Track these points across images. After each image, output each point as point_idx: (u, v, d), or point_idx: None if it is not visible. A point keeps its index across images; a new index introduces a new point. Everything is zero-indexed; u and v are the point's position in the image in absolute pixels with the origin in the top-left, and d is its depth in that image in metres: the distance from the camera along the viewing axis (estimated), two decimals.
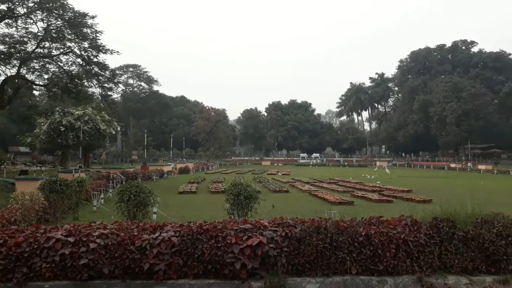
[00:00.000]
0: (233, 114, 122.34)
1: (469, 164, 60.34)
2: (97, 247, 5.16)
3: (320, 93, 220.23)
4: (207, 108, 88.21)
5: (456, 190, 23.82)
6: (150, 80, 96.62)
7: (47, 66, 31.87)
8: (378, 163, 73.74)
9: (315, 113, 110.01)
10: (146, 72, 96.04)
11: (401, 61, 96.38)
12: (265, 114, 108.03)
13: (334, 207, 13.69)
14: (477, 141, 74.07)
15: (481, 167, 55.20)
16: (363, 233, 5.84)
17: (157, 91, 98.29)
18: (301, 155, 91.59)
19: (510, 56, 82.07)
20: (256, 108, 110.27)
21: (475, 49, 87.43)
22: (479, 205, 6.75)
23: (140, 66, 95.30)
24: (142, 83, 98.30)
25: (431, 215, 6.49)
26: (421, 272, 5.80)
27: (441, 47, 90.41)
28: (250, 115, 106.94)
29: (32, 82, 32.74)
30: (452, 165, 64.24)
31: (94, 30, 29.83)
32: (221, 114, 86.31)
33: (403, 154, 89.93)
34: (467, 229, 6.18)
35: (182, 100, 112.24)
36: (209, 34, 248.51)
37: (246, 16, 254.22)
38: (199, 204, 16.91)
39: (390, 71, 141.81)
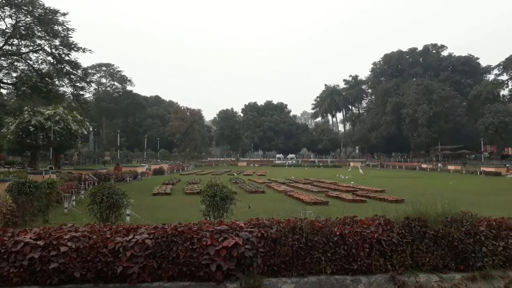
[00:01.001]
0: (209, 115, 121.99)
1: (439, 164, 62.14)
2: (68, 250, 5.01)
3: (296, 95, 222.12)
4: (183, 108, 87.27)
5: (427, 190, 24.47)
6: (123, 80, 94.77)
7: (15, 64, 30.78)
8: (352, 164, 75.01)
9: (291, 114, 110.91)
10: (119, 71, 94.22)
11: (374, 63, 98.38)
12: (241, 115, 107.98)
13: (310, 207, 13.82)
14: (447, 142, 76.43)
15: (451, 167, 56.98)
16: (337, 233, 5.91)
17: (131, 90, 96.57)
18: (277, 156, 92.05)
19: (477, 61, 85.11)
20: (232, 109, 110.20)
21: (445, 53, 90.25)
22: (448, 205, 6.94)
23: (113, 65, 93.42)
24: (115, 83, 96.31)
25: (403, 214, 6.63)
26: (394, 271, 5.92)
27: (413, 51, 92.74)
28: (226, 116, 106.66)
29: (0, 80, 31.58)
30: (423, 165, 65.94)
31: (65, 27, 29.05)
32: (196, 115, 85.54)
33: (375, 156, 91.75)
34: (438, 228, 6.35)
35: (156, 100, 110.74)
36: (185, 36, 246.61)
37: (220, 19, 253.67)
38: (174, 205, 16.71)
39: (364, 73, 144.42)
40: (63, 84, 33.69)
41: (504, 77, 70.85)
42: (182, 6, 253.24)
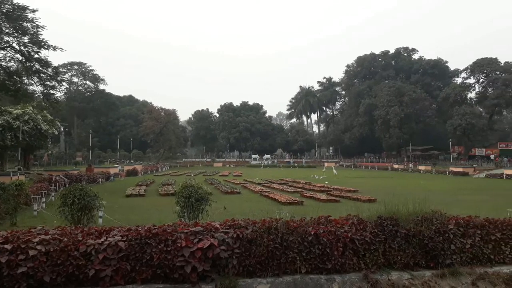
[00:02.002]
0: (184, 115, 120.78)
1: (410, 165, 63.75)
2: (37, 254, 4.86)
3: (272, 96, 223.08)
4: (157, 108, 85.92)
5: (399, 189, 25.05)
6: (96, 79, 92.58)
7: None
8: (326, 164, 76.01)
9: (267, 115, 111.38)
10: (91, 70, 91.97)
11: (348, 66, 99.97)
12: (217, 115, 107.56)
13: (285, 208, 13.90)
14: (418, 143, 78.53)
15: (421, 167, 58.60)
16: (312, 233, 5.98)
17: (104, 90, 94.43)
18: (253, 156, 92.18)
19: (446, 64, 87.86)
20: (207, 109, 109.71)
21: (415, 56, 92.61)
22: (419, 204, 7.14)
23: (85, 64, 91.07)
24: (88, 82, 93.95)
25: (376, 214, 6.77)
26: (367, 269, 6.03)
27: (385, 53, 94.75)
28: (201, 116, 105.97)
29: None
30: (395, 166, 67.49)
31: (35, 24, 28.12)
32: (171, 115, 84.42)
33: (348, 156, 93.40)
34: (409, 226, 6.52)
35: (130, 99, 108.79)
36: (160, 34, 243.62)
37: (196, 20, 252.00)
38: (148, 207, 16.47)
39: (338, 75, 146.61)
40: (33, 82, 32.64)
41: (471, 80, 73.42)
42: (156, 5, 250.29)
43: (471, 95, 73.78)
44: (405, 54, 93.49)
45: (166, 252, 5.23)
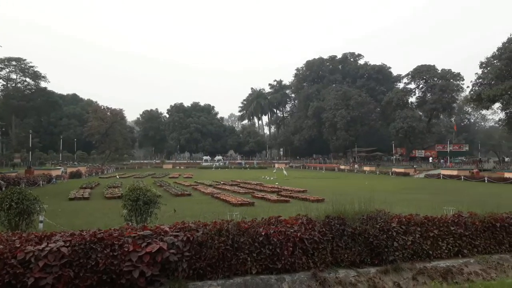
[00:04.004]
0: (131, 115, 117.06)
1: (356, 166, 66.27)
2: None
3: (223, 97, 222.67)
4: (102, 107, 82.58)
5: (346, 189, 25.94)
6: (36, 76, 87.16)
7: None
8: (276, 165, 77.11)
9: (218, 116, 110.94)
10: (32, 66, 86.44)
11: (297, 69, 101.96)
12: (167, 115, 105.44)
13: (236, 209, 13.90)
14: (363, 145, 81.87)
15: (366, 168, 61.16)
16: (263, 233, 6.03)
17: (45, 88, 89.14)
18: (204, 158, 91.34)
19: (389, 70, 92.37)
20: (157, 109, 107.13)
21: (361, 62, 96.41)
22: (365, 203, 7.44)
23: (25, 60, 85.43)
24: (27, 79, 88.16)
25: (324, 213, 6.97)
26: (316, 268, 6.18)
27: (332, 58, 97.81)
28: (150, 116, 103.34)
29: None
30: (342, 166, 69.82)
31: None
32: (118, 115, 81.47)
33: (300, 155, 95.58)
34: (355, 225, 6.77)
35: (74, 98, 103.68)
36: (107, 32, 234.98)
37: (146, 17, 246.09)
38: (92, 211, 15.79)
39: (288, 78, 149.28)
40: None
41: (412, 85, 77.60)
42: (104, 4, 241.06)
43: (412, 99, 78.03)
44: (352, 60, 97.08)
45: (112, 257, 5.04)
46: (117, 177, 43.52)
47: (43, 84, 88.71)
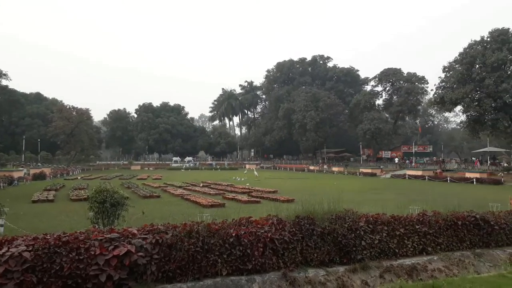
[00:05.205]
0: (98, 115, 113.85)
1: (325, 166, 67.35)
2: None
3: (193, 97, 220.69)
4: (68, 107, 79.89)
5: (315, 190, 26.30)
6: None
7: None
8: (247, 166, 77.20)
9: (188, 116, 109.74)
10: None
11: (268, 71, 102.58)
12: (135, 115, 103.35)
13: (207, 210, 13.82)
14: (332, 146, 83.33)
15: (335, 169, 62.29)
16: (233, 234, 6.01)
17: (6, 86, 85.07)
18: (174, 158, 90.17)
19: (357, 72, 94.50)
20: (125, 109, 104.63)
21: (330, 64, 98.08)
22: (333, 203, 7.56)
23: None
24: None
25: (294, 213, 7.03)
26: (286, 268, 6.22)
27: (302, 60, 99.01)
28: (118, 116, 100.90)
29: None
30: (311, 167, 70.77)
31: None
32: (84, 114, 79.01)
33: (272, 156, 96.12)
34: (324, 225, 6.87)
35: (37, 97, 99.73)
36: (74, 29, 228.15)
37: (113, 12, 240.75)
38: (57, 213, 15.28)
39: (259, 79, 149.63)
40: None
41: (379, 88, 79.59)
42: (66, 7, 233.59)
43: (379, 102, 79.96)
44: (321, 62, 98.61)
45: (78, 261, 4.89)
46: (79, 178, 42.41)
47: (4, 81, 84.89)
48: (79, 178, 43.76)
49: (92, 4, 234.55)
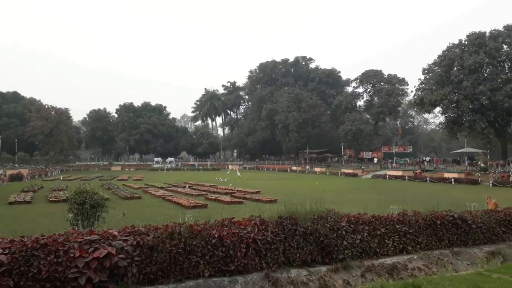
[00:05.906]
0: (78, 115, 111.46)
1: (307, 167, 67.78)
2: None
3: (176, 98, 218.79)
4: (46, 106, 78.20)
5: (297, 190, 26.44)
6: None
7: None
8: (230, 167, 77.06)
9: (170, 116, 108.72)
10: None
11: (251, 71, 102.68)
12: (116, 115, 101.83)
13: (189, 211, 13.74)
14: (314, 146, 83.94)
15: (317, 169, 62.76)
16: (216, 235, 5.98)
17: None
18: (155, 159, 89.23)
19: (339, 74, 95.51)
20: (105, 109, 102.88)
21: (312, 65, 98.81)
22: (315, 203, 7.61)
23: None
24: None
25: (277, 214, 7.05)
26: (268, 268, 6.23)
27: (285, 61, 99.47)
28: (98, 116, 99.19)
29: None
30: (294, 167, 71.11)
31: None
32: (63, 114, 77.44)
33: (252, 158, 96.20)
34: (307, 225, 6.90)
35: (14, 96, 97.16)
36: (52, 28, 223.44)
37: (95, 15, 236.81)
38: (35, 215, 14.94)
39: (242, 80, 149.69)
40: None
41: (360, 89, 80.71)
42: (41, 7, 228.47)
43: (360, 103, 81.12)
44: (303, 63, 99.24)
45: (57, 264, 4.79)
46: (61, 179, 41.60)
47: None
48: (61, 178, 42.94)
49: (71, 4, 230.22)
